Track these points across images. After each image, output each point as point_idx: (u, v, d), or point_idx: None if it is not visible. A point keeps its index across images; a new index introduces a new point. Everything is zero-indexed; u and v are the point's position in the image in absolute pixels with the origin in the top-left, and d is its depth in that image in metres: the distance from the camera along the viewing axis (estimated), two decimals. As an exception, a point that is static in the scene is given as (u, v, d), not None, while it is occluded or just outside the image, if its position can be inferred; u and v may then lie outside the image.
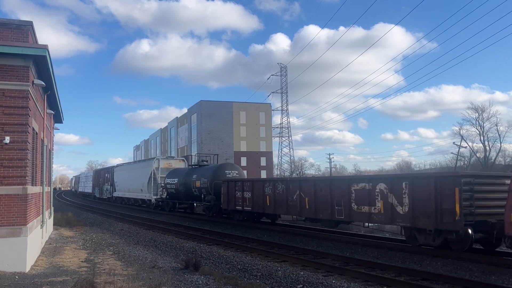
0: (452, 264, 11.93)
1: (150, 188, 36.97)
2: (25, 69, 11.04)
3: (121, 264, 12.24)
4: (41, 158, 15.16)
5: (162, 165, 37.37)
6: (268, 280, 10.50)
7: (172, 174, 33.48)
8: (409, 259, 12.79)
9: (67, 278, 10.17)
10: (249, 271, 11.52)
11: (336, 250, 14.66)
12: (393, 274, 10.75)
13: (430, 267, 11.76)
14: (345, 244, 15.70)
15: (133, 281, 9.72)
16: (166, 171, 35.40)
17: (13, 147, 10.88)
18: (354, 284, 10.02)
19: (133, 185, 41.86)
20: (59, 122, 22.29)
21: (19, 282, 9.60)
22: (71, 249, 15.24)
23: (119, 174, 47.76)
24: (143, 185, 38.58)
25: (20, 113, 10.99)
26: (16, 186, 10.89)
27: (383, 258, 13.10)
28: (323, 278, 10.54)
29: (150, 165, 38.24)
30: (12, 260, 10.64)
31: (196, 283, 9.87)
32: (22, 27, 11.38)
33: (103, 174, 57.55)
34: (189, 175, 30.42)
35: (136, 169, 41.99)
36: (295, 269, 11.61)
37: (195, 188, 29.04)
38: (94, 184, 62.81)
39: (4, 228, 10.71)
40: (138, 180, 40.05)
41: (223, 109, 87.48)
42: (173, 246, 16.13)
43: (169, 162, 38.40)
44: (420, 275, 10.49)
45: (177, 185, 31.67)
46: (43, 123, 15.25)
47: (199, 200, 29.22)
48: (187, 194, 30.49)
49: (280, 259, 13.13)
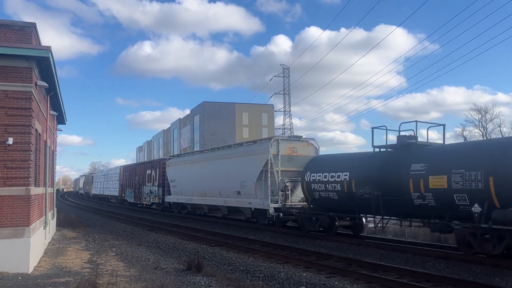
0: (455, 266, 11.89)
1: (262, 190, 20.82)
2: (28, 70, 11.07)
3: (124, 265, 12.25)
4: (44, 159, 15.19)
5: (283, 151, 20.90)
6: (271, 281, 10.48)
7: (329, 164, 18.27)
8: (412, 261, 12.75)
9: (70, 279, 10.18)
10: (252, 272, 11.51)
11: (339, 251, 14.63)
12: (396, 276, 10.72)
13: (433, 268, 11.72)
14: (348, 246, 15.67)
15: (136, 282, 9.72)
16: (288, 161, 21.05)
17: (16, 148, 10.90)
18: (357, 285, 10.00)
19: (215, 186, 25.56)
20: (62, 123, 22.33)
21: (22, 283, 9.61)
22: (74, 250, 15.26)
23: (179, 170, 31.05)
24: (245, 185, 22.33)
25: (23, 114, 11.01)
26: (19, 187, 10.91)
27: (386, 259, 13.07)
28: (326, 279, 10.52)
29: (262, 150, 21.18)
30: (15, 261, 10.65)
31: (198, 284, 9.86)
32: (25, 28, 11.41)
33: (141, 170, 40.60)
34: (400, 164, 14.70)
35: (227, 159, 24.77)
36: (297, 271, 11.59)
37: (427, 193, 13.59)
38: (124, 184, 46.38)
39: (7, 229, 10.72)
40: (229, 177, 23.86)
41: (226, 110, 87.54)
42: (175, 247, 16.13)
43: (292, 146, 21.54)
44: (423, 277, 10.46)
45: (347, 185, 16.56)
46: (46, 124, 15.28)
47: (425, 217, 14.17)
48: (390, 203, 14.93)
49: (283, 260, 13.11)
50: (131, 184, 43.40)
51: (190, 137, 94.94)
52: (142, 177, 39.41)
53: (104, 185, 58.31)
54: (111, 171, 55.90)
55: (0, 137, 10.80)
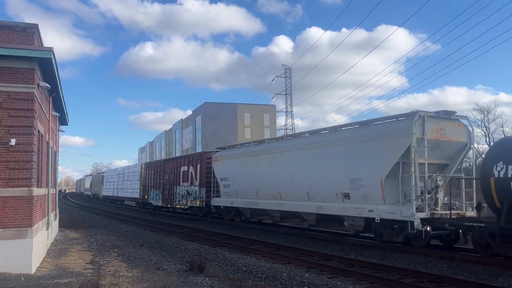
0: (457, 266, 11.86)
1: (396, 191, 14.34)
2: (30, 71, 11.09)
3: (126, 266, 12.26)
4: (47, 160, 15.22)
5: (430, 134, 14.23)
6: (273, 282, 10.47)
7: None
8: (414, 261, 12.73)
9: (72, 279, 10.20)
10: (254, 273, 11.50)
11: (341, 252, 14.62)
12: (399, 276, 10.70)
13: (435, 269, 11.70)
14: (350, 246, 15.65)
15: (138, 282, 9.73)
16: (433, 149, 14.33)
17: (19, 149, 10.92)
18: (359, 286, 9.99)
19: (299, 185, 18.51)
20: (64, 124, 22.37)
21: (25, 284, 9.62)
22: (76, 251, 15.28)
23: (234, 164, 23.55)
24: (362, 185, 15.52)
25: (25, 115, 11.04)
26: (22, 188, 10.93)
27: (388, 260, 13.05)
28: (328, 280, 10.51)
29: (400, 131, 14.28)
30: (17, 261, 10.67)
31: (201, 284, 9.87)
32: (27, 29, 11.43)
33: (172, 167, 32.75)
34: None
35: (325, 148, 17.27)
36: (300, 271, 11.58)
37: None
38: (147, 184, 38.45)
39: (10, 230, 10.75)
40: (327, 173, 16.93)
41: (228, 111, 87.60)
42: (178, 247, 16.14)
43: (441, 128, 14.66)
44: (425, 277, 10.43)
45: None
46: (49, 125, 15.31)
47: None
48: None
49: (285, 261, 13.10)
50: (157, 184, 35.69)
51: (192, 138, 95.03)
52: (174, 175, 32.01)
53: (118, 185, 51.29)
54: (128, 169, 48.12)
55: (3, 138, 10.83)
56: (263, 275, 11.18)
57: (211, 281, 10.15)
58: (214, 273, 11.12)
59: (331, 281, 10.38)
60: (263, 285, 10.11)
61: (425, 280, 10.23)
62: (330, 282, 10.20)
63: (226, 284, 9.90)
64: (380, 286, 9.95)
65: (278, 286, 10.15)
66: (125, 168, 51.00)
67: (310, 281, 10.33)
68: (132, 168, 46.60)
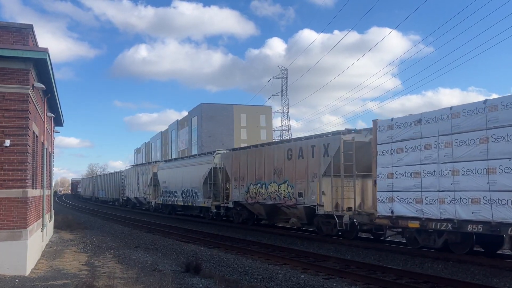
0: (453, 267, 11.89)
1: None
2: (25, 72, 11.04)
3: (121, 267, 12.21)
4: (42, 161, 15.14)
5: None
6: (269, 283, 10.45)
7: None
8: (410, 262, 12.75)
9: (67, 281, 10.14)
10: (250, 274, 11.48)
11: (337, 253, 14.61)
12: (394, 277, 10.72)
13: (431, 269, 11.72)
14: (346, 247, 15.65)
15: (133, 284, 9.69)
16: None
17: (14, 150, 10.86)
18: (355, 287, 9.99)
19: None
20: (60, 125, 22.29)
21: (19, 286, 9.57)
22: (71, 252, 15.21)
23: None
24: None
25: (20, 116, 10.97)
26: (17, 189, 10.87)
27: (384, 260, 13.06)
28: (324, 281, 10.50)
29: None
30: (12, 263, 10.60)
31: (196, 286, 9.84)
32: (22, 30, 11.37)
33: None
34: None
35: None
36: (295, 272, 11.56)
37: None
38: None
39: (4, 231, 10.68)
40: None
41: (224, 112, 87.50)
42: (173, 249, 16.09)
43: None
44: (421, 278, 10.45)
45: None
46: (44, 126, 15.24)
47: None
48: None
49: (281, 262, 13.08)
50: None
51: (188, 139, 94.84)
52: None
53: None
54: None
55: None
56: (259, 276, 11.16)
57: (207, 282, 10.12)
58: (210, 274, 11.08)
59: (327, 282, 10.37)
60: (259, 286, 10.09)
61: (421, 281, 10.24)
62: (326, 283, 10.18)
63: (222, 285, 9.86)
64: (376, 287, 9.96)
65: (274, 287, 10.13)
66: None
67: (306, 282, 10.31)
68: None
